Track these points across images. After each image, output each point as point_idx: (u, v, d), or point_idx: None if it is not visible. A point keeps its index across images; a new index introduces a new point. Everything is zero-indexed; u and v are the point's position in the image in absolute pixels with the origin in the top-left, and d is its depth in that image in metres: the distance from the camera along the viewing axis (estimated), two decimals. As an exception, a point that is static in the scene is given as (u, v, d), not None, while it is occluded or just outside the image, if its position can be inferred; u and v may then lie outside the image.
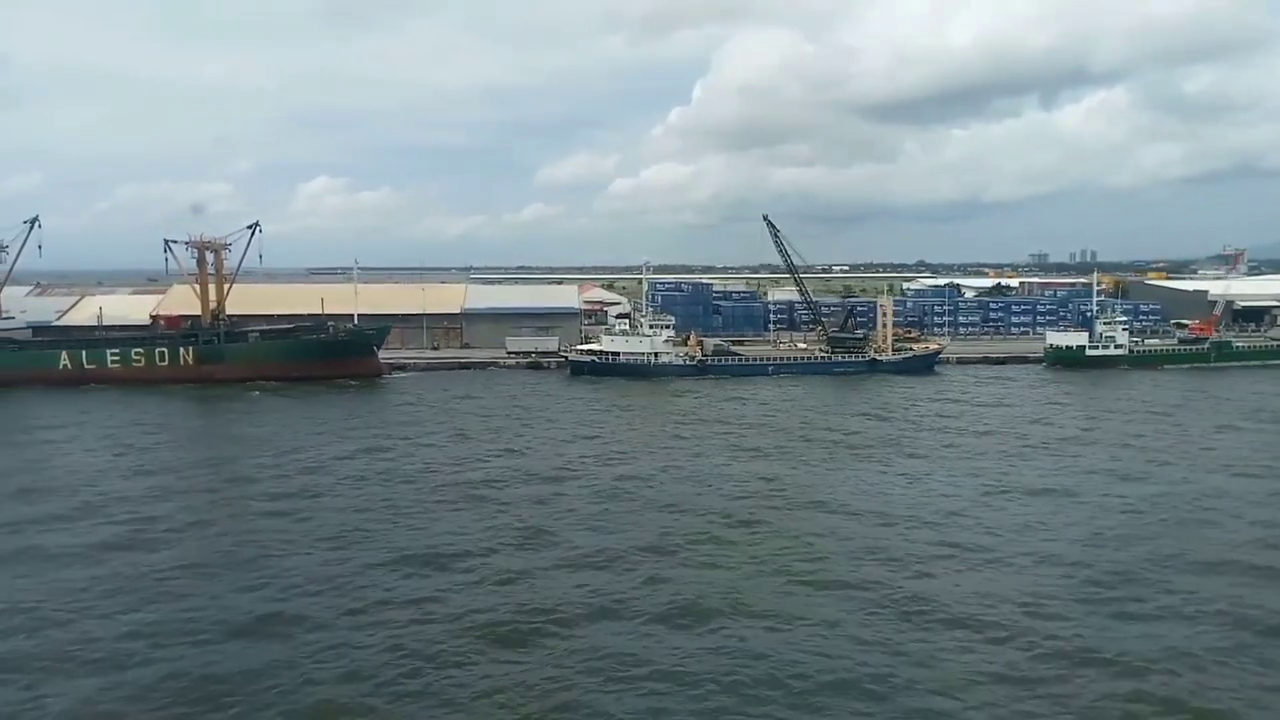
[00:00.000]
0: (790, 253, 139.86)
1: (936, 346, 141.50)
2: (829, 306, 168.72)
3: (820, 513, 57.43)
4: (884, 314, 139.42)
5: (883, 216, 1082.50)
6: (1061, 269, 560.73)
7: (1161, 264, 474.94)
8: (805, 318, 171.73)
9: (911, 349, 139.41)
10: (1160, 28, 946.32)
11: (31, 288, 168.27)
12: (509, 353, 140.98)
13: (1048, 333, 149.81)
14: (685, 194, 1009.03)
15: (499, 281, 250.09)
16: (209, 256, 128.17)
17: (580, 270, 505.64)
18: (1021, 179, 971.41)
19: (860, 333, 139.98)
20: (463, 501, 60.25)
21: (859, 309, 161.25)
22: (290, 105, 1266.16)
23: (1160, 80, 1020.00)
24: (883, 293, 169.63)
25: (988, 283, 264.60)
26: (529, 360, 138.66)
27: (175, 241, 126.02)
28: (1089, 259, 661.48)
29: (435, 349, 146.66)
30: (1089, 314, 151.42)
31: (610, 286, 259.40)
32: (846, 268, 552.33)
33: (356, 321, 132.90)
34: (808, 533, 52.72)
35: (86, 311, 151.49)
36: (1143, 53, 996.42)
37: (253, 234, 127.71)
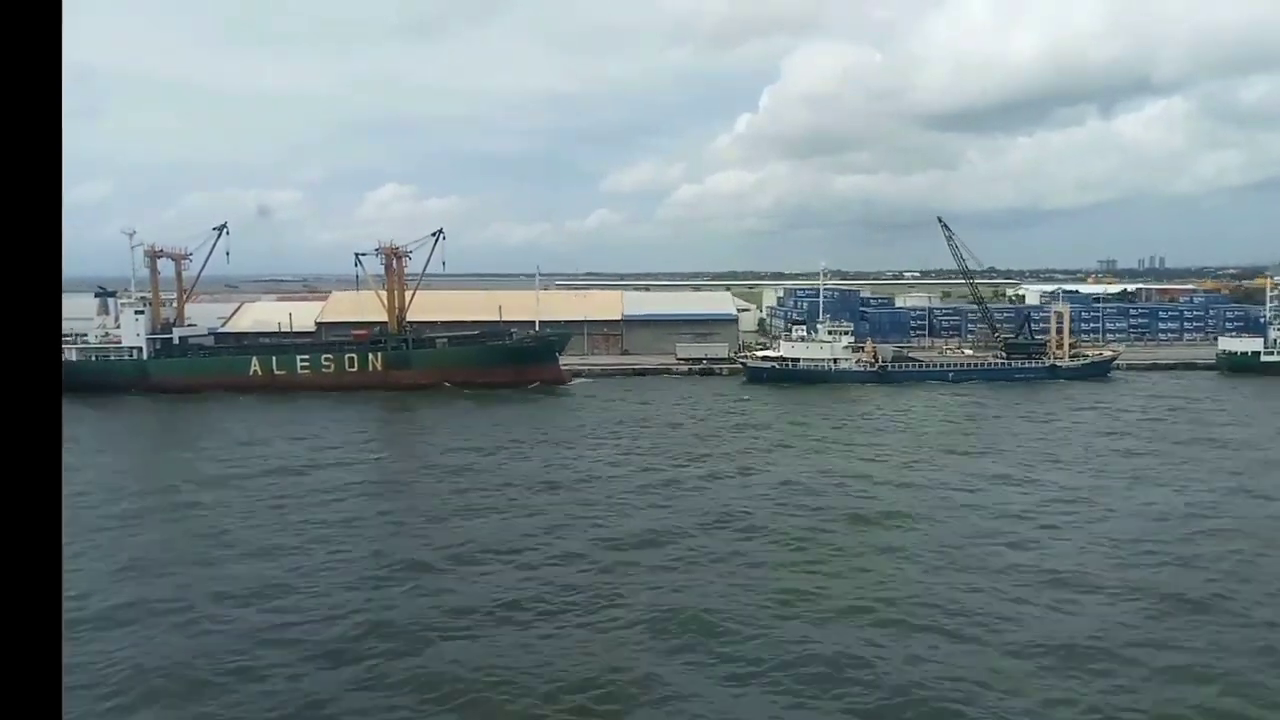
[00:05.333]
0: (965, 256, 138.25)
1: (1111, 353, 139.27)
2: (973, 313, 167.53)
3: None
4: (1059, 320, 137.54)
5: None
6: (1132, 275, 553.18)
7: (1232, 269, 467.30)
8: (946, 324, 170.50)
9: (1086, 355, 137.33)
10: (1221, 39, 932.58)
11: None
12: (679, 359, 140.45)
13: (1220, 339, 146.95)
14: (749, 201, 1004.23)
15: (586, 288, 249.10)
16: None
17: (652, 276, 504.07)
18: (1082, 186, 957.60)
19: (1040, 338, 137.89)
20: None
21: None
22: (356, 113, 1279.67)
23: (1218, 89, 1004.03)
24: (1056, 298, 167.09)
25: (1096, 289, 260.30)
26: (700, 366, 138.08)
27: (364, 254, 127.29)
28: (1158, 265, 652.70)
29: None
30: (1261, 319, 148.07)
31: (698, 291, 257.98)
32: (918, 274, 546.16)
33: (538, 328, 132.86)
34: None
35: (248, 318, 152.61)
36: (1202, 63, 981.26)
37: (436, 241, 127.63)
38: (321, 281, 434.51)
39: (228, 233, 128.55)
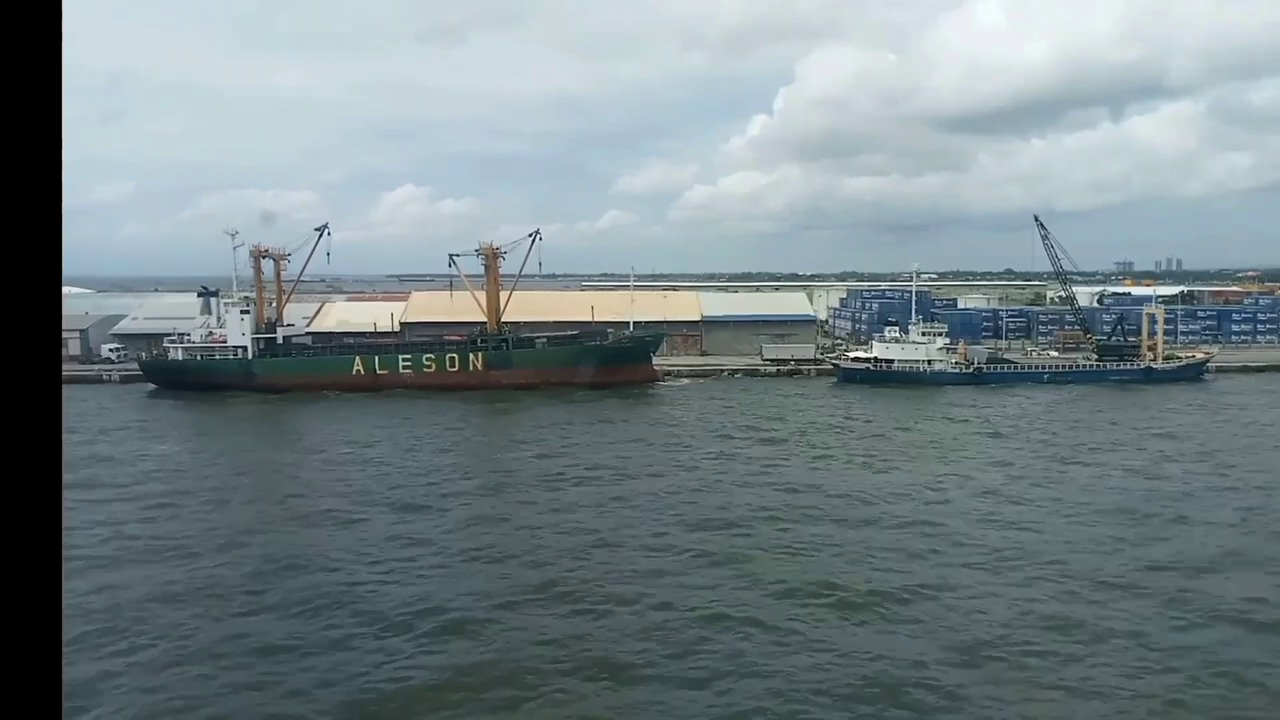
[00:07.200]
0: (1061, 258, 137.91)
1: (1204, 355, 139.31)
2: (1044, 313, 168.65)
3: None
4: (1151, 321, 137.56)
5: (954, 225, 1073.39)
6: (1151, 277, 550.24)
7: (1253, 271, 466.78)
8: (1013, 325, 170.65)
9: (1179, 357, 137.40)
10: (1232, 43, 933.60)
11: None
12: (765, 360, 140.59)
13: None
14: (760, 203, 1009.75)
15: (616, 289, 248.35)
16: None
17: (666, 278, 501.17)
18: (1094, 188, 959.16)
19: (1134, 340, 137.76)
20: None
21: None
22: (370, 117, 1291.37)
23: (1229, 92, 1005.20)
24: (1151, 303, 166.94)
25: (1147, 291, 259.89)
26: (788, 367, 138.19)
27: (458, 255, 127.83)
28: (1175, 267, 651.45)
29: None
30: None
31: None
32: (935, 276, 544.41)
33: (632, 328, 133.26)
34: None
35: (331, 318, 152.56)
36: (1214, 66, 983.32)
37: (533, 241, 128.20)
38: (340, 281, 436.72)
39: (329, 233, 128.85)
